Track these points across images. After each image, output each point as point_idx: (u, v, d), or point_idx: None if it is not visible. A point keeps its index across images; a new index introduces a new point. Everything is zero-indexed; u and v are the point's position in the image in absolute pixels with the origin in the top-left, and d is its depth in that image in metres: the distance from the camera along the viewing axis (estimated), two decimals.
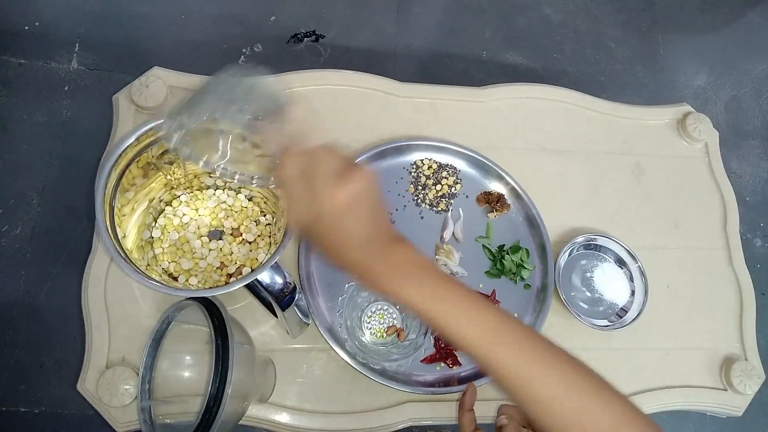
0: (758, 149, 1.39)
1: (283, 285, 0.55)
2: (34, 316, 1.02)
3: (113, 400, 0.63)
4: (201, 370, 0.63)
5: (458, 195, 0.81)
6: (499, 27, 1.43)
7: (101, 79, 1.20)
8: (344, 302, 0.67)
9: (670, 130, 0.92)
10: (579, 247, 0.80)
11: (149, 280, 0.50)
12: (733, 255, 0.86)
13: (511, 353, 0.41)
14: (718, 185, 0.90)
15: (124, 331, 0.67)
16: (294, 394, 0.69)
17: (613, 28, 1.48)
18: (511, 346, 0.42)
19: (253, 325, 0.70)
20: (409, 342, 0.70)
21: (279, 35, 1.31)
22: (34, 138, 1.13)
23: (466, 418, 0.59)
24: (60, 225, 1.08)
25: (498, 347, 0.41)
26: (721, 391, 0.79)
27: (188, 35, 1.28)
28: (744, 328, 0.82)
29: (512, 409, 0.55)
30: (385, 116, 0.83)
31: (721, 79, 1.47)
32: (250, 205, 0.71)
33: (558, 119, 0.89)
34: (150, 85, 0.75)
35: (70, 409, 0.98)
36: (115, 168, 0.53)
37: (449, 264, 0.75)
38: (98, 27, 1.25)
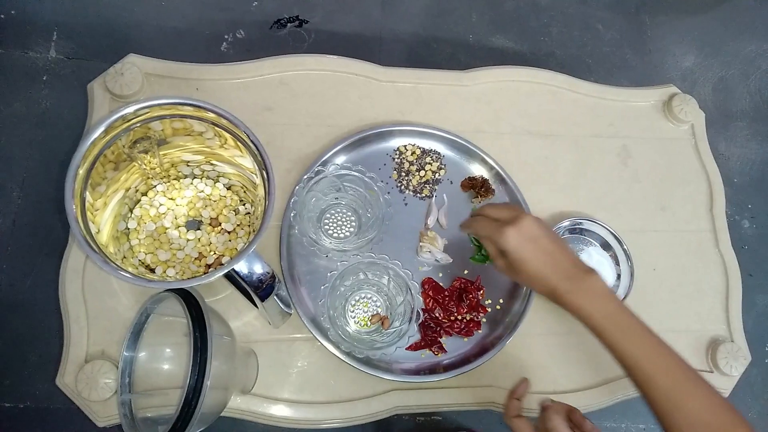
0: (746, 130, 1.38)
1: (261, 275, 0.54)
2: (18, 310, 1.01)
3: (93, 394, 0.62)
4: (181, 363, 0.63)
5: (442, 181, 0.80)
6: (486, 10, 1.41)
7: (80, 67, 1.18)
8: (327, 291, 0.66)
9: (656, 112, 0.92)
10: (564, 232, 0.80)
11: (120, 272, 0.48)
12: (720, 237, 0.86)
13: (665, 377, 0.53)
14: (704, 167, 0.89)
15: (103, 324, 0.66)
16: (277, 385, 0.68)
17: (601, 11, 1.47)
18: (666, 372, 0.53)
19: (236, 316, 0.69)
20: (393, 330, 0.69)
21: (262, 21, 1.29)
22: (12, 129, 1.11)
23: (513, 405, 0.66)
24: (41, 217, 1.06)
25: (655, 370, 0.53)
26: (708, 373, 0.79)
27: (169, 22, 1.25)
28: (730, 309, 0.82)
29: (556, 401, 0.62)
30: (367, 101, 0.82)
31: (708, 60, 1.46)
32: (228, 194, 0.70)
33: (543, 102, 0.88)
34: (125, 73, 0.74)
35: (55, 403, 0.97)
36: (84, 160, 0.51)
37: (433, 250, 0.74)
38: (77, 15, 1.22)
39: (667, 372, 0.53)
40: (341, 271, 0.68)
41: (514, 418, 0.63)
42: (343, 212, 0.75)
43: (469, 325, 0.73)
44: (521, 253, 0.58)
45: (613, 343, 0.55)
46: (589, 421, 0.59)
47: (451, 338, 0.73)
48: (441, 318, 0.73)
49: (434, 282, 0.74)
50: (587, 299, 0.56)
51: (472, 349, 0.73)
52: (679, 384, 0.52)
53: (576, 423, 0.59)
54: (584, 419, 0.59)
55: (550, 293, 0.58)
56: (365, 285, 0.72)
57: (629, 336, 0.54)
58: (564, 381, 0.75)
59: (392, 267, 0.68)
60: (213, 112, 0.55)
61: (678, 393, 0.52)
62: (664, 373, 0.53)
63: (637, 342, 0.54)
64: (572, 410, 0.60)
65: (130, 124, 0.54)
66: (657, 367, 0.53)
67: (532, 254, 0.58)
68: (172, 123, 0.57)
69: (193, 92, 0.77)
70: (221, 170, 0.68)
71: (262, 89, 0.79)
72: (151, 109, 0.54)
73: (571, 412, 0.60)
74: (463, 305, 0.73)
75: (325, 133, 0.79)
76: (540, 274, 0.58)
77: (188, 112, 0.56)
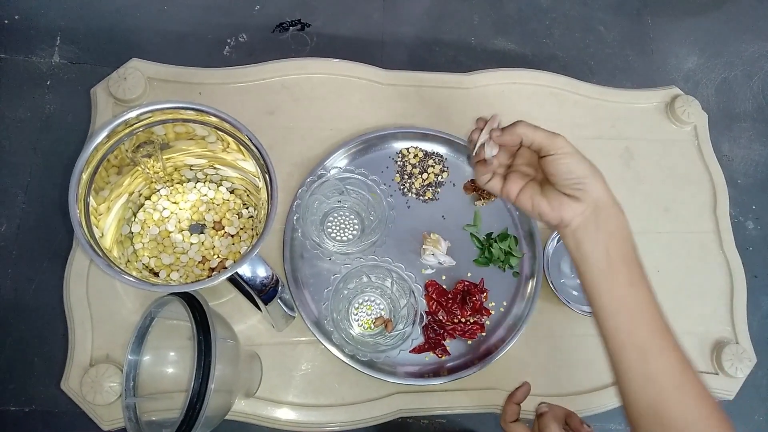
0: (749, 131, 1.38)
1: (265, 278, 0.54)
2: (22, 314, 1.01)
3: (98, 397, 0.63)
4: (185, 366, 0.63)
5: (445, 183, 0.80)
6: (488, 13, 1.41)
7: (84, 72, 1.18)
8: (330, 294, 0.66)
9: (658, 113, 0.91)
10: None
11: (124, 276, 0.48)
12: (724, 238, 0.85)
13: (643, 327, 0.48)
14: (707, 168, 0.89)
15: (107, 328, 0.66)
16: (281, 388, 0.68)
17: (603, 12, 1.47)
18: (644, 322, 0.48)
19: (239, 320, 0.69)
20: (397, 333, 0.69)
21: (264, 24, 1.29)
22: (17, 134, 1.12)
23: (511, 409, 0.64)
24: (46, 221, 1.06)
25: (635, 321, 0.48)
26: (713, 375, 0.78)
27: (172, 26, 1.25)
28: (735, 311, 0.82)
29: (553, 405, 0.61)
30: (370, 105, 0.82)
31: (711, 61, 1.45)
32: (232, 198, 0.70)
33: (545, 104, 0.88)
34: (128, 77, 0.74)
35: (60, 407, 0.97)
36: (87, 165, 0.51)
37: (436, 253, 0.74)
38: (80, 20, 1.22)
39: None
40: (344, 274, 0.68)
41: (511, 423, 0.62)
42: (346, 215, 0.75)
43: (473, 328, 0.73)
44: None
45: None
46: (587, 426, 0.58)
47: (455, 341, 0.73)
48: (444, 321, 0.73)
49: (437, 285, 0.74)
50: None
51: (476, 351, 0.73)
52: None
53: (573, 428, 0.58)
54: (582, 424, 0.58)
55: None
56: (368, 288, 0.72)
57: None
58: (567, 383, 0.75)
59: (395, 270, 0.68)
60: (215, 116, 0.55)
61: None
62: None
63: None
64: (570, 414, 0.60)
65: (133, 128, 0.54)
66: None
67: None
68: (175, 127, 0.57)
69: (195, 96, 0.77)
70: (224, 174, 0.68)
71: (264, 93, 0.80)
72: (154, 114, 0.54)
73: (568, 416, 0.59)
74: (466, 308, 0.73)
75: (328, 136, 0.79)
76: None
77: (191, 117, 0.56)
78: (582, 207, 0.50)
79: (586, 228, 0.50)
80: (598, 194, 0.50)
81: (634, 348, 0.48)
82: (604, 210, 0.50)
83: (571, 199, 0.50)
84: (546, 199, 0.51)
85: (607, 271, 0.49)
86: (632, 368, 0.48)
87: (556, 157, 0.51)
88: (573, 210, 0.50)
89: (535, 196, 0.52)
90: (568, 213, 0.50)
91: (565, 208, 0.50)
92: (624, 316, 0.48)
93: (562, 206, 0.50)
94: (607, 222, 0.50)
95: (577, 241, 0.50)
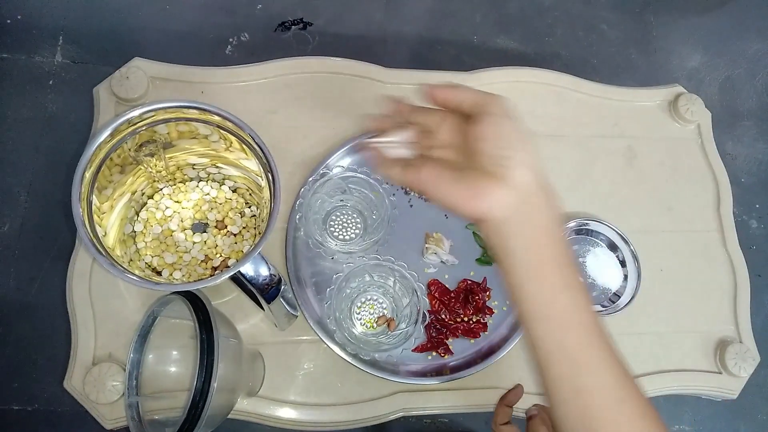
0: (753, 130, 1.37)
1: (268, 277, 0.54)
2: (25, 313, 1.01)
3: (101, 396, 0.63)
4: (188, 365, 0.63)
5: None
6: (490, 11, 1.41)
7: (86, 72, 1.18)
8: (333, 293, 0.66)
9: (662, 111, 0.91)
10: (570, 233, 0.79)
11: (127, 275, 0.48)
12: (727, 237, 0.85)
13: (575, 336, 0.41)
14: (711, 166, 0.89)
15: (110, 327, 0.67)
16: (284, 387, 0.68)
17: (606, 11, 1.46)
18: (577, 331, 0.42)
19: (242, 318, 0.69)
20: (399, 332, 0.69)
21: (266, 24, 1.29)
22: (19, 133, 1.11)
23: (503, 411, 0.62)
24: (48, 221, 1.06)
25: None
26: (716, 374, 0.78)
27: (173, 25, 1.25)
28: (738, 310, 0.82)
29: (544, 407, 0.57)
30: (372, 103, 0.82)
31: (714, 59, 1.45)
32: (234, 197, 0.70)
33: (548, 103, 0.88)
34: (131, 77, 0.74)
35: (63, 406, 0.97)
36: (90, 163, 0.51)
37: (439, 252, 0.74)
38: (82, 19, 1.22)
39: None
40: (347, 273, 0.68)
41: (501, 425, 0.61)
42: (348, 214, 0.75)
43: (476, 327, 0.73)
44: None
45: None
46: None
47: (458, 340, 0.73)
48: (447, 320, 0.73)
49: (440, 284, 0.74)
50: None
51: (479, 350, 0.73)
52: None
53: None
54: None
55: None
56: (371, 287, 0.72)
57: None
58: None
59: (398, 269, 0.68)
60: (218, 115, 0.55)
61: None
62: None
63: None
64: None
65: (136, 127, 0.54)
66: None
67: None
68: (178, 126, 0.57)
69: (198, 95, 0.77)
70: (226, 173, 0.68)
71: (267, 92, 0.80)
72: (157, 113, 0.54)
73: None
74: (469, 307, 0.73)
75: (330, 135, 0.79)
76: None
77: (194, 116, 0.56)
78: (506, 194, 0.39)
79: (511, 221, 0.40)
80: (528, 177, 0.40)
81: (565, 359, 0.41)
82: (536, 198, 0.40)
83: (495, 184, 0.39)
84: (460, 185, 0.41)
85: (536, 273, 0.41)
86: (562, 380, 0.41)
87: (493, 118, 0.41)
88: (495, 199, 0.39)
89: (448, 182, 0.41)
90: (487, 202, 0.40)
91: (486, 196, 0.40)
92: (553, 324, 0.41)
93: (482, 195, 0.40)
94: (539, 213, 0.41)
95: (501, 237, 0.41)
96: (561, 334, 0.41)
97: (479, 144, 0.41)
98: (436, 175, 0.42)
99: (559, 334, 0.41)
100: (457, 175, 0.41)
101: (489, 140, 0.40)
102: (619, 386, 0.41)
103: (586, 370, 0.41)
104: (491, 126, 0.41)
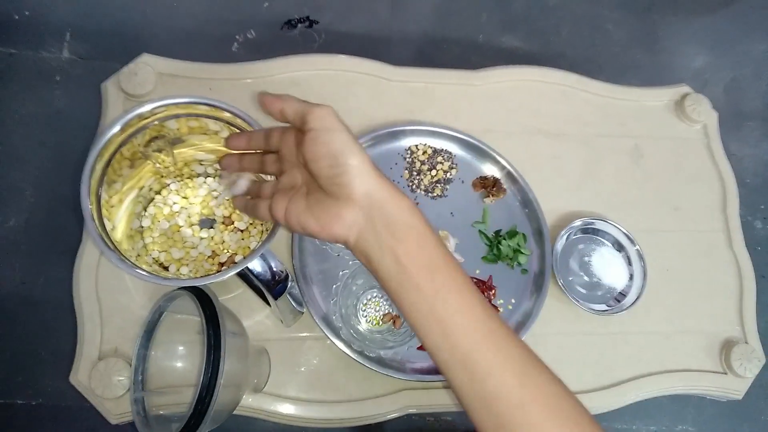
0: (758, 131, 1.37)
1: (275, 273, 0.54)
2: (31, 308, 1.02)
3: (106, 391, 0.63)
4: (194, 361, 0.63)
5: (454, 180, 0.80)
6: (495, 10, 1.41)
7: (93, 68, 1.18)
8: (338, 290, 0.67)
9: (668, 111, 0.91)
10: (576, 231, 0.79)
11: (136, 270, 0.49)
12: (733, 237, 0.85)
13: (467, 342, 0.38)
14: (717, 167, 0.89)
15: (116, 322, 0.67)
16: (289, 384, 0.68)
17: (611, 10, 1.46)
18: (468, 336, 0.39)
19: (248, 315, 0.69)
20: (405, 329, 0.69)
21: (272, 21, 1.30)
22: (26, 129, 1.12)
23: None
24: (54, 216, 1.07)
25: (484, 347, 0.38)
26: (721, 374, 0.78)
27: (180, 22, 1.26)
28: (744, 310, 0.82)
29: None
30: (379, 101, 0.82)
31: (720, 60, 1.45)
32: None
33: (554, 102, 0.87)
34: (139, 73, 0.74)
35: (68, 400, 0.97)
36: (99, 158, 0.52)
37: None
38: (89, 15, 1.23)
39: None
40: (353, 270, 0.68)
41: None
42: None
43: None
44: None
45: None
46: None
47: None
48: None
49: None
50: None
51: None
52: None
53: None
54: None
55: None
56: (377, 284, 0.72)
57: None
58: (575, 382, 0.75)
59: None
60: (229, 111, 0.55)
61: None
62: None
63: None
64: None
65: (147, 122, 0.54)
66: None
67: None
68: (188, 122, 0.58)
69: (205, 91, 0.77)
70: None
71: (274, 89, 0.80)
72: (168, 108, 0.54)
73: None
74: None
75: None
76: None
77: (204, 112, 0.56)
78: (351, 212, 0.39)
79: (366, 237, 0.39)
80: (368, 186, 0.38)
81: (462, 367, 0.38)
82: (382, 206, 0.39)
83: (338, 205, 0.39)
84: (312, 213, 0.40)
85: (405, 283, 0.39)
86: (464, 388, 0.39)
87: (315, 133, 0.39)
88: (344, 221, 0.39)
89: (301, 212, 0.41)
90: (338, 226, 0.39)
91: (336, 221, 0.39)
92: (439, 333, 0.38)
93: (332, 221, 0.39)
94: (389, 222, 0.39)
95: (364, 255, 0.40)
96: (449, 343, 0.38)
97: (312, 166, 0.40)
98: (287, 210, 0.42)
99: (447, 342, 0.38)
100: (306, 204, 0.41)
101: (318, 160, 0.39)
102: (521, 385, 0.38)
103: (482, 376, 0.38)
104: (317, 145, 0.39)
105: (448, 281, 0.39)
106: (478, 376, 0.38)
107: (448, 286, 0.39)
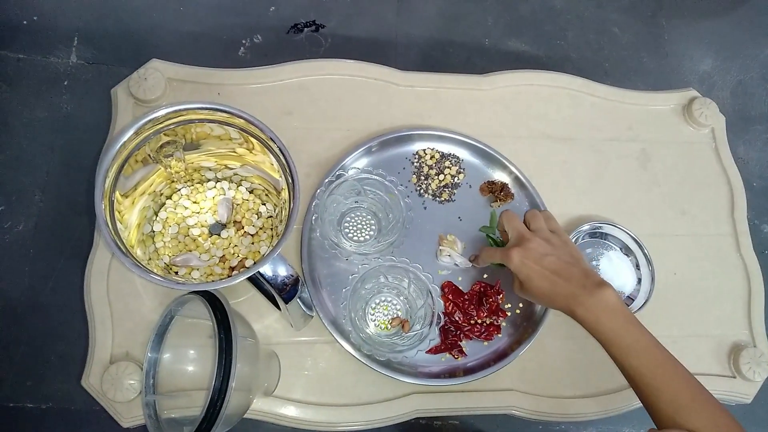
0: (765, 134, 1.37)
1: (286, 277, 0.55)
2: (39, 311, 1.02)
3: (118, 395, 0.63)
4: (205, 364, 0.63)
5: (461, 185, 0.80)
6: (501, 14, 1.42)
7: (101, 73, 1.19)
8: (348, 294, 0.67)
9: (676, 115, 0.91)
10: (584, 236, 0.79)
11: (150, 275, 0.49)
12: (741, 241, 0.85)
13: (667, 392, 0.55)
14: (725, 171, 0.89)
15: (127, 326, 0.67)
16: (299, 387, 0.68)
17: (617, 14, 1.46)
18: (667, 384, 0.55)
19: (257, 318, 0.70)
20: (414, 333, 0.69)
21: (279, 25, 1.30)
22: (34, 133, 1.13)
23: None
24: (63, 220, 1.08)
25: (657, 383, 0.55)
26: (730, 378, 0.78)
27: (187, 27, 1.26)
28: (752, 314, 0.81)
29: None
30: (386, 106, 0.82)
31: (726, 63, 1.45)
32: (251, 198, 0.71)
33: (562, 106, 0.88)
34: (149, 78, 0.74)
35: (77, 404, 0.98)
36: (114, 162, 0.52)
37: (453, 254, 0.74)
38: (97, 20, 1.24)
39: (669, 386, 0.55)
40: (362, 274, 0.68)
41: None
42: (363, 216, 0.75)
43: (489, 329, 0.73)
44: (525, 273, 0.63)
45: (616, 356, 0.57)
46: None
47: (471, 342, 0.73)
48: (461, 322, 0.73)
49: (454, 286, 0.74)
50: (595, 313, 0.58)
51: (492, 352, 0.73)
52: (680, 399, 0.54)
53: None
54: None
55: (562, 309, 0.61)
56: (386, 288, 0.72)
57: (633, 351, 0.56)
58: (584, 385, 0.75)
59: (413, 270, 0.68)
60: (242, 117, 0.56)
61: (680, 408, 0.54)
62: (666, 387, 0.55)
63: (641, 357, 0.56)
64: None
65: (161, 127, 0.55)
66: (659, 382, 0.55)
67: (536, 274, 0.62)
68: (201, 128, 0.58)
69: (214, 97, 0.78)
70: (244, 174, 0.69)
71: (282, 94, 0.80)
72: (181, 113, 0.54)
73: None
74: (483, 309, 0.73)
75: (344, 137, 0.79)
76: (545, 293, 0.61)
77: (218, 118, 0.56)
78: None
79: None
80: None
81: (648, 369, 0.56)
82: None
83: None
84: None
85: (624, 332, 0.58)
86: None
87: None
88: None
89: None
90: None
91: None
92: (641, 355, 0.57)
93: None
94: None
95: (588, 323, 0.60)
96: (637, 360, 0.57)
97: None
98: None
99: (636, 360, 0.56)
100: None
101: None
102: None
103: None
104: None
105: (635, 325, 0.60)
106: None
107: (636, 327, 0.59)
